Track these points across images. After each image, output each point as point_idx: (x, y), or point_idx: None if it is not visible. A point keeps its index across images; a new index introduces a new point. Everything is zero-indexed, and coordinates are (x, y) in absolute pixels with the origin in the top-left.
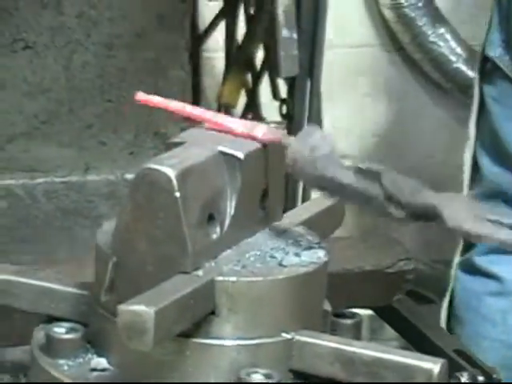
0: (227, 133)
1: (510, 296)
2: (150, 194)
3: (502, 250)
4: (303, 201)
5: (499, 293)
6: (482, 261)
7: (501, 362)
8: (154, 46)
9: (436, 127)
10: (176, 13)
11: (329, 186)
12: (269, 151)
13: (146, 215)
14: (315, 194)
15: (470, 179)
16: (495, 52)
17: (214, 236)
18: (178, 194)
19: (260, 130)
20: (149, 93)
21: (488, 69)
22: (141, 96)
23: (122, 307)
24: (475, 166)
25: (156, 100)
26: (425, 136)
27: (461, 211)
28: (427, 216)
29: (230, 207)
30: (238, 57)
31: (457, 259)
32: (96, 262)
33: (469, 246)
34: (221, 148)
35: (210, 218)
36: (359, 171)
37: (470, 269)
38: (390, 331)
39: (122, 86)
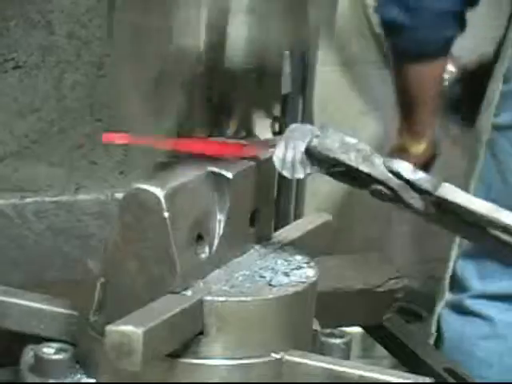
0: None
1: (504, 337)
2: (138, 214)
3: (493, 295)
4: (295, 219)
5: (493, 335)
6: (473, 304)
7: None
8: None
9: None
10: None
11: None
12: (258, 170)
13: (134, 235)
14: (307, 213)
15: None
16: None
17: (203, 256)
18: (166, 214)
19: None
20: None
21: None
22: (107, 137)
23: (110, 328)
24: None
25: (124, 137)
26: None
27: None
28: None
29: (219, 227)
30: None
31: (443, 300)
32: (85, 282)
33: (459, 287)
34: (210, 168)
35: (199, 238)
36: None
37: (460, 310)
38: (381, 349)
39: (113, 105)
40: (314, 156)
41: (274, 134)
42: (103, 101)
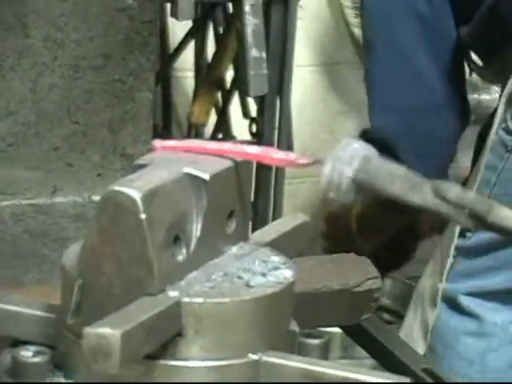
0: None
1: (489, 337)
2: (115, 217)
3: (489, 296)
4: (273, 221)
5: (477, 333)
6: (466, 300)
7: None
8: (120, 68)
9: None
10: (142, 34)
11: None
12: (235, 172)
13: (111, 237)
14: (285, 214)
15: None
16: None
17: (181, 257)
18: (143, 216)
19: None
20: (117, 115)
21: None
22: (157, 143)
23: (88, 330)
24: None
25: (173, 144)
26: None
27: None
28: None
29: (196, 228)
30: (207, 76)
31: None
32: (62, 284)
33: (454, 281)
34: (186, 169)
35: (176, 240)
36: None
37: (453, 305)
38: (362, 350)
39: (89, 108)
40: (360, 184)
41: (252, 134)
42: (80, 103)
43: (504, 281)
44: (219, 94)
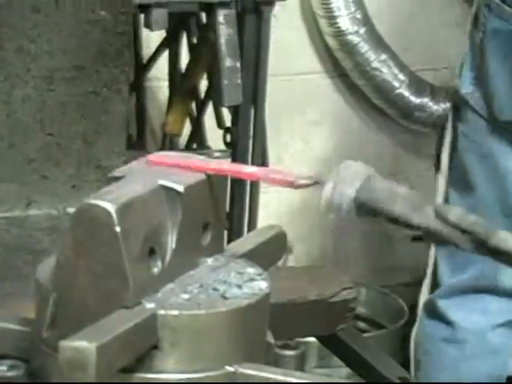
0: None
1: (461, 343)
2: (90, 229)
3: (464, 291)
4: (248, 231)
5: (451, 339)
6: (442, 304)
7: None
8: (94, 80)
9: (380, 152)
10: (116, 46)
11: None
12: (210, 183)
13: (86, 250)
14: (260, 224)
15: None
16: (467, 89)
17: (156, 270)
18: (118, 229)
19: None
20: (91, 126)
21: (460, 104)
22: (153, 158)
23: (64, 343)
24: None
25: (172, 159)
26: (370, 160)
27: None
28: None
29: (172, 240)
30: (181, 86)
31: (423, 297)
32: (37, 297)
33: (434, 285)
34: (161, 181)
35: (152, 252)
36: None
37: (431, 311)
38: (338, 359)
39: (63, 119)
40: (361, 204)
41: (227, 144)
42: (54, 115)
43: (470, 277)
44: (193, 104)
